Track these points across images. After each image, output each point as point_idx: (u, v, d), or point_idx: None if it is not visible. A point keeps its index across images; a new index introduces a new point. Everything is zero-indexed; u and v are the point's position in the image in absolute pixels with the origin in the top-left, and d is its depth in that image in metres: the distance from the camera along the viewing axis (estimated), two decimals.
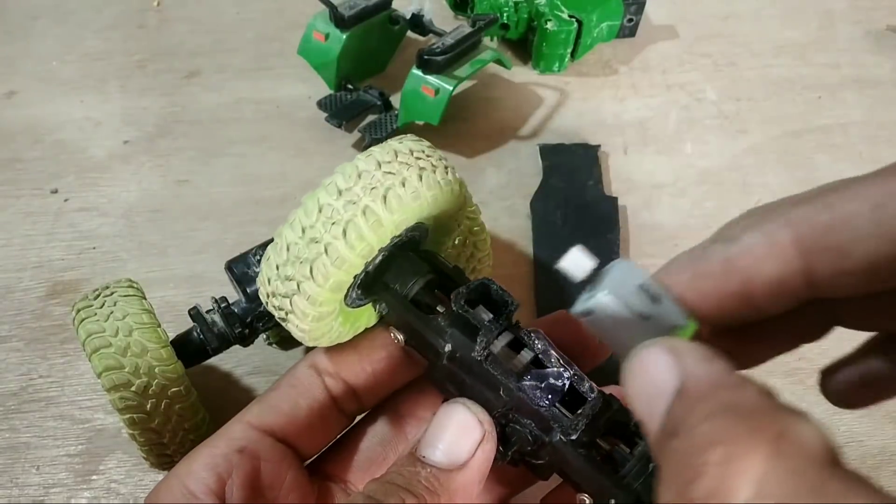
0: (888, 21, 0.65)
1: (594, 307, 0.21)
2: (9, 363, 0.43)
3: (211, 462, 0.27)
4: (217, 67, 0.60)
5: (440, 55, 0.48)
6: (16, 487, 0.39)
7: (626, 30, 0.62)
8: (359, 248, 0.24)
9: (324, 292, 0.24)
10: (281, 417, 0.29)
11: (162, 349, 0.33)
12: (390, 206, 0.24)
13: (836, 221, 0.18)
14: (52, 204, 0.51)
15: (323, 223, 0.24)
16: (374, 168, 0.25)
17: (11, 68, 0.60)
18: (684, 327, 0.20)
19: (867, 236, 0.18)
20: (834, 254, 0.18)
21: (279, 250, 0.25)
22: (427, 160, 0.26)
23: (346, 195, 0.24)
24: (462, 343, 0.25)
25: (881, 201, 0.18)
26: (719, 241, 0.20)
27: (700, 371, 0.18)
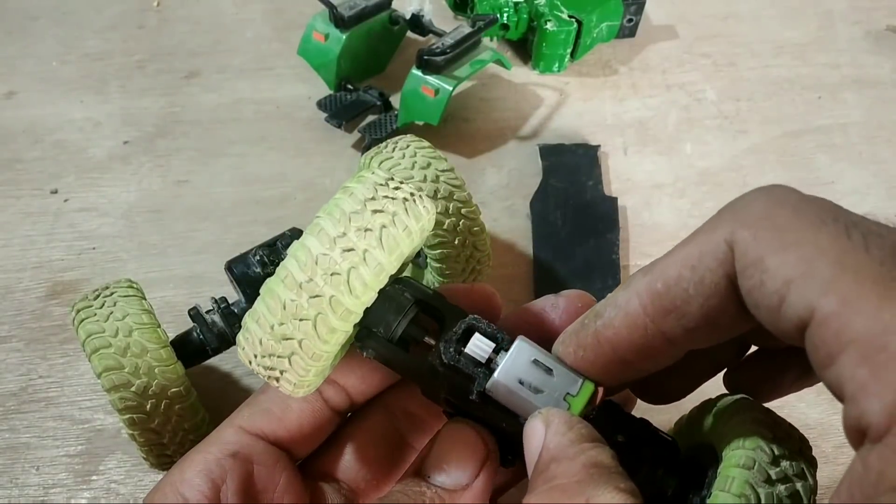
0: (888, 21, 0.65)
1: (490, 388, 0.24)
2: (9, 363, 0.43)
3: (204, 468, 0.27)
4: (217, 67, 0.60)
5: (440, 55, 0.48)
6: (16, 488, 0.39)
7: (625, 30, 0.62)
8: (333, 339, 0.23)
9: (308, 379, 0.24)
10: (272, 420, 0.29)
11: (162, 349, 0.33)
12: (355, 291, 0.22)
13: (668, 287, 0.21)
14: (52, 204, 0.51)
15: (291, 321, 0.22)
16: (328, 248, 0.23)
17: (11, 68, 0.60)
18: (579, 392, 0.23)
19: (695, 295, 0.20)
20: (674, 315, 0.21)
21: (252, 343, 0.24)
22: (384, 211, 0.23)
23: (307, 288, 0.22)
24: (457, 387, 0.25)
25: (696, 262, 0.20)
26: (592, 314, 0.23)
27: (551, 442, 0.22)
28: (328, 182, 0.52)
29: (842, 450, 0.41)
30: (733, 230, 0.19)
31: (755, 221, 0.19)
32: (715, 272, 0.20)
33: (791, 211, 0.19)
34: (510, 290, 0.47)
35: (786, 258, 0.18)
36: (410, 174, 0.38)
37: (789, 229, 0.18)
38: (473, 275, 0.41)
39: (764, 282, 0.18)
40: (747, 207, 0.20)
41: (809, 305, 0.17)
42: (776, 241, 0.18)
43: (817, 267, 0.17)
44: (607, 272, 0.47)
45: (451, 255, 0.38)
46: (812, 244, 0.18)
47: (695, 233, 0.21)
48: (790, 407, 0.42)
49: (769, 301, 0.18)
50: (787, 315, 0.18)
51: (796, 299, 0.18)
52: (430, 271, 0.41)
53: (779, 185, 0.21)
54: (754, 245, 0.19)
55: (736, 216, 0.20)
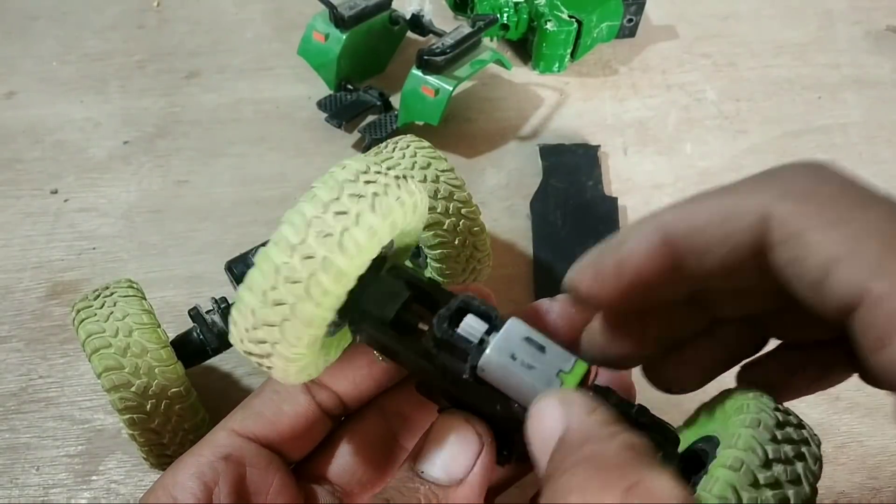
0: (888, 21, 0.65)
1: (483, 364, 0.24)
2: (9, 363, 0.43)
3: (197, 471, 0.27)
4: (217, 68, 0.60)
5: (440, 55, 0.48)
6: (16, 488, 0.39)
7: (625, 30, 0.62)
8: (325, 302, 0.23)
9: (300, 349, 0.23)
10: (265, 424, 0.28)
11: (162, 349, 0.33)
12: (348, 251, 0.23)
13: (692, 229, 0.20)
14: (52, 204, 0.51)
15: (283, 284, 0.23)
16: (321, 212, 0.23)
17: (11, 68, 0.60)
18: (572, 369, 0.23)
19: (718, 244, 0.20)
20: (693, 256, 0.21)
21: (244, 315, 0.23)
22: (376, 182, 0.24)
23: (300, 250, 0.22)
24: (450, 366, 0.25)
25: (728, 215, 0.20)
26: (613, 242, 0.23)
27: (578, 423, 0.20)
28: None
29: (842, 450, 0.41)
30: (771, 200, 0.19)
31: (798, 195, 0.19)
32: (742, 234, 0.19)
33: (837, 188, 0.19)
34: (510, 291, 0.47)
35: (831, 235, 0.17)
36: (410, 174, 0.38)
37: (834, 206, 0.18)
38: (473, 275, 0.41)
39: (805, 257, 0.18)
40: (790, 179, 0.20)
41: (859, 286, 0.17)
42: (820, 217, 0.18)
43: (867, 246, 0.17)
44: None
45: (451, 255, 0.38)
46: (860, 222, 0.17)
47: (731, 186, 0.21)
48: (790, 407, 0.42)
49: (810, 277, 0.18)
50: (832, 294, 0.17)
51: (844, 278, 0.17)
52: (430, 271, 0.41)
53: (823, 163, 0.20)
54: (795, 219, 0.18)
55: (776, 185, 0.19)
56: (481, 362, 0.24)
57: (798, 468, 0.21)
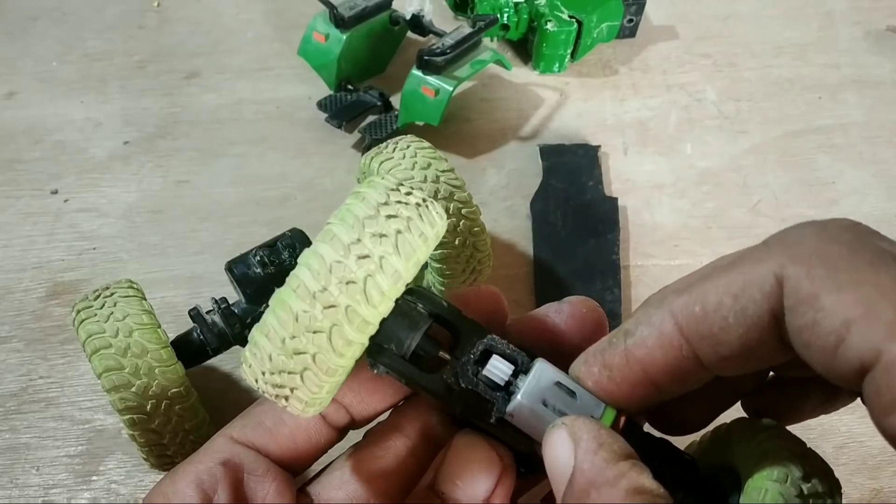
0: (888, 21, 0.65)
1: (513, 410, 0.23)
2: (9, 364, 0.43)
3: (195, 478, 0.27)
4: (217, 68, 0.60)
5: (440, 56, 0.48)
6: (16, 488, 0.39)
7: (626, 30, 0.62)
8: (349, 353, 0.22)
9: (321, 396, 0.23)
10: (263, 433, 0.28)
11: (162, 350, 0.33)
12: (372, 300, 0.21)
13: (706, 312, 0.20)
14: (53, 204, 0.51)
15: (304, 334, 0.21)
16: (342, 255, 0.22)
17: (11, 68, 0.60)
18: (602, 416, 0.23)
19: (734, 324, 0.20)
20: (710, 341, 0.20)
21: (261, 359, 0.22)
22: (398, 217, 0.22)
23: (321, 298, 0.21)
24: (474, 408, 0.24)
25: (739, 291, 0.19)
26: (620, 333, 0.22)
27: (586, 462, 0.21)
28: (328, 182, 0.52)
29: (843, 450, 0.41)
30: (783, 264, 0.19)
31: (808, 257, 0.19)
32: (759, 304, 0.19)
33: (847, 248, 0.18)
34: (511, 291, 0.47)
35: (844, 298, 0.17)
36: (411, 174, 0.38)
37: (846, 268, 0.18)
38: (474, 275, 0.41)
39: (819, 321, 0.18)
40: (799, 241, 0.19)
41: (874, 348, 0.17)
42: (832, 280, 0.18)
43: (881, 308, 0.17)
44: (607, 272, 0.47)
45: (451, 256, 0.38)
46: (872, 285, 0.17)
47: (738, 258, 0.21)
48: None
49: (824, 341, 0.18)
50: (846, 357, 0.17)
51: (858, 341, 0.17)
52: (430, 272, 0.41)
53: (834, 220, 0.20)
54: (808, 282, 0.18)
55: (787, 249, 0.19)
56: (511, 408, 0.23)
57: None
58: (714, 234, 0.50)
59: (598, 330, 0.27)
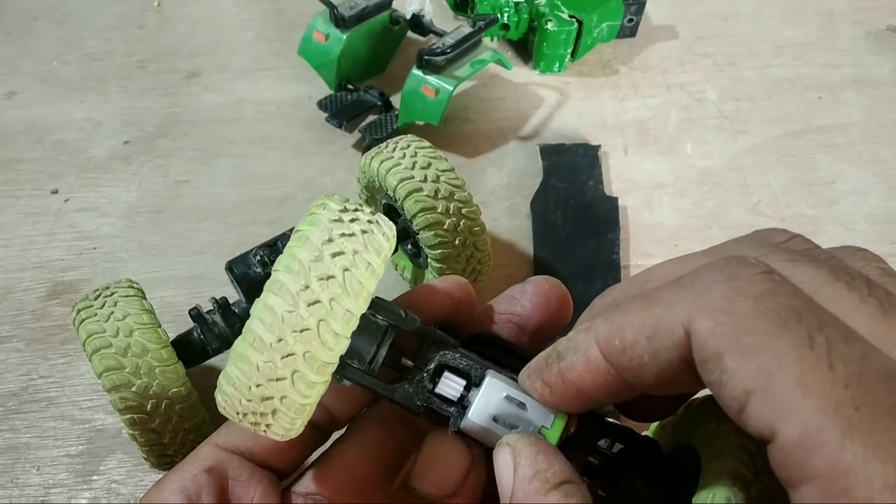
0: (888, 21, 0.65)
1: (465, 427, 0.24)
2: (9, 363, 0.43)
3: (180, 486, 0.27)
4: (217, 67, 0.60)
5: (440, 55, 0.48)
6: (16, 488, 0.39)
7: (626, 30, 0.62)
8: (337, 347, 0.22)
9: (311, 401, 0.23)
10: (247, 437, 0.28)
11: (162, 350, 0.33)
12: (327, 344, 0.22)
13: (624, 347, 0.21)
14: (53, 204, 0.51)
15: (291, 334, 0.22)
16: (292, 305, 0.22)
17: (11, 68, 0.60)
18: (553, 424, 0.24)
19: (650, 363, 0.20)
20: (631, 372, 0.21)
21: (247, 373, 0.22)
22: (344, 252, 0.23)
23: (304, 296, 0.22)
24: (435, 421, 0.25)
25: (652, 334, 0.20)
26: (554, 354, 0.23)
27: (521, 491, 0.22)
28: (328, 182, 0.52)
29: None
30: (692, 315, 0.19)
31: (715, 312, 0.18)
32: (669, 351, 0.19)
33: (752, 304, 0.18)
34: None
35: (745, 364, 0.17)
36: (411, 174, 0.38)
37: (750, 329, 0.18)
38: (474, 275, 0.41)
39: (723, 382, 0.18)
40: (708, 290, 0.19)
41: (770, 426, 0.17)
42: (736, 342, 0.18)
43: (778, 384, 0.17)
44: (608, 272, 0.47)
45: (451, 256, 0.38)
46: (772, 353, 0.17)
47: (655, 295, 0.21)
48: None
49: (729, 403, 0.18)
50: (748, 424, 0.18)
51: (756, 415, 0.17)
52: (430, 271, 0.41)
53: (744, 264, 0.19)
54: (713, 340, 0.18)
55: (696, 298, 0.19)
56: (463, 425, 0.24)
57: None
58: (714, 234, 0.50)
59: (563, 305, 0.28)
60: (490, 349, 0.27)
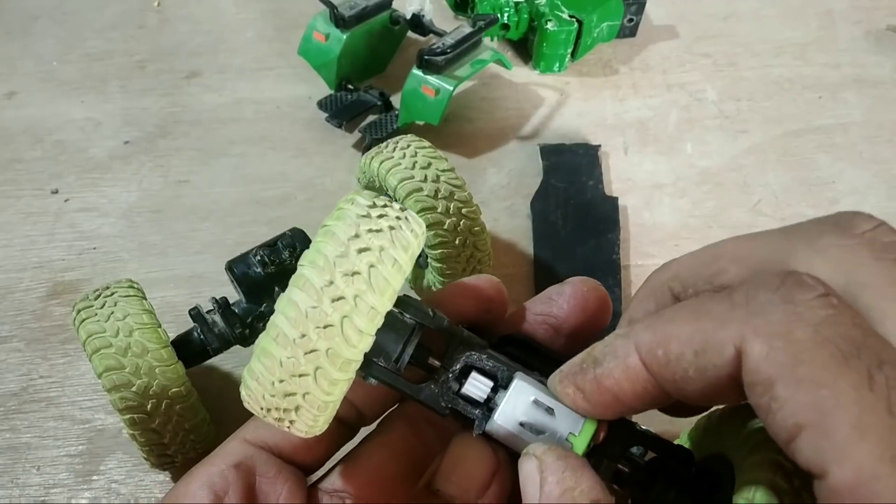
0: (888, 21, 0.65)
1: (490, 431, 0.24)
2: (9, 363, 0.43)
3: (208, 480, 0.27)
4: (217, 67, 0.60)
5: (440, 55, 0.48)
6: (16, 488, 0.39)
7: (626, 30, 0.62)
8: (361, 344, 0.22)
9: (334, 397, 0.23)
10: (275, 433, 0.28)
11: (162, 349, 0.33)
12: (378, 288, 0.22)
13: (669, 360, 0.20)
14: (53, 204, 0.51)
15: (314, 330, 0.21)
16: (316, 301, 0.21)
17: (11, 68, 0.60)
18: (581, 431, 0.23)
19: (695, 378, 0.19)
20: (673, 385, 0.20)
21: (270, 368, 0.22)
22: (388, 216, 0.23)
23: (328, 292, 0.21)
24: (460, 423, 0.25)
25: (700, 349, 0.19)
26: (590, 359, 0.22)
27: None
28: (328, 182, 0.52)
29: None
30: (744, 336, 0.18)
31: (770, 336, 0.18)
32: (718, 369, 0.19)
33: (812, 333, 0.17)
34: (511, 290, 0.46)
35: (799, 396, 0.17)
36: (411, 174, 0.38)
37: (806, 359, 0.17)
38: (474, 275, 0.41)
39: (773, 409, 0.17)
40: (764, 311, 0.18)
41: (821, 465, 0.16)
42: (790, 370, 0.17)
43: (833, 423, 0.16)
44: (608, 272, 0.47)
45: (451, 255, 0.38)
46: (829, 389, 0.16)
47: (704, 307, 0.20)
48: None
49: (777, 431, 0.17)
50: (797, 457, 0.17)
51: (807, 449, 0.16)
52: (430, 271, 0.41)
53: (801, 285, 0.18)
54: (766, 365, 0.17)
55: (750, 319, 0.18)
56: (488, 428, 0.24)
57: None
58: (714, 234, 0.50)
59: (602, 308, 0.27)
60: (521, 351, 0.26)
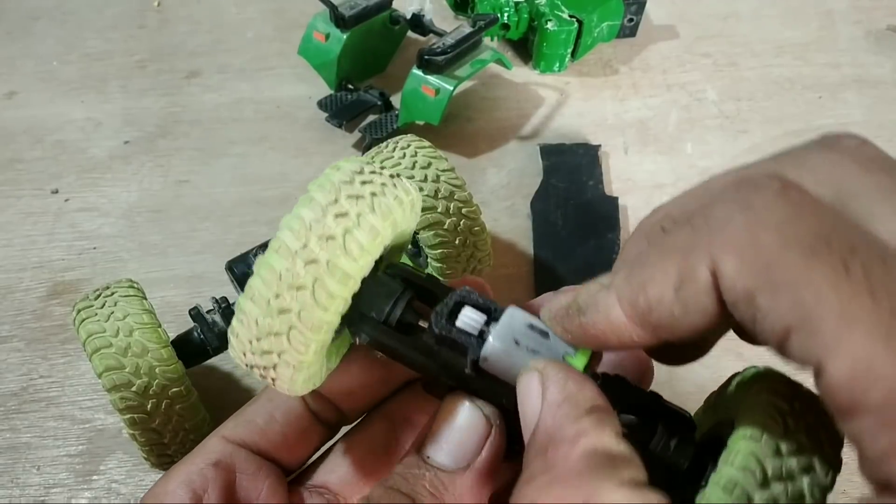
0: (888, 21, 0.65)
1: (486, 353, 0.23)
2: (9, 363, 0.43)
3: (186, 479, 0.27)
4: (217, 67, 0.60)
5: (441, 55, 0.48)
6: (17, 487, 0.39)
7: (626, 30, 0.62)
8: (332, 306, 0.22)
9: (307, 357, 0.23)
10: (255, 431, 0.28)
11: (162, 349, 0.33)
12: (352, 254, 0.22)
13: (650, 306, 0.19)
14: (53, 204, 0.51)
15: (287, 291, 0.22)
16: (321, 215, 0.22)
17: (11, 68, 0.60)
18: (577, 354, 0.22)
19: (680, 316, 0.19)
20: (660, 330, 0.19)
21: (247, 326, 0.23)
22: (373, 182, 0.24)
23: (302, 255, 0.22)
24: (452, 361, 0.24)
25: (678, 285, 0.19)
26: (574, 305, 0.22)
27: (549, 416, 0.20)
28: None
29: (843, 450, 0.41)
30: (715, 255, 0.18)
31: (737, 249, 0.17)
32: (699, 298, 0.18)
33: (776, 234, 0.17)
34: (511, 290, 0.47)
35: (779, 302, 0.16)
36: (411, 174, 0.38)
37: (778, 263, 0.17)
38: (474, 275, 0.41)
39: (759, 321, 0.17)
40: (724, 228, 0.18)
41: (817, 362, 0.16)
42: (765, 278, 0.17)
43: (818, 318, 0.16)
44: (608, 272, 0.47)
45: (451, 255, 0.38)
46: (806, 286, 0.16)
47: (668, 246, 0.19)
48: None
49: (766, 339, 0.17)
50: (793, 358, 0.17)
51: (798, 350, 0.16)
52: (430, 271, 0.41)
53: (755, 188, 0.18)
54: (741, 280, 0.17)
55: (714, 237, 0.18)
56: (483, 352, 0.23)
57: (803, 484, 0.19)
58: None
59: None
60: None
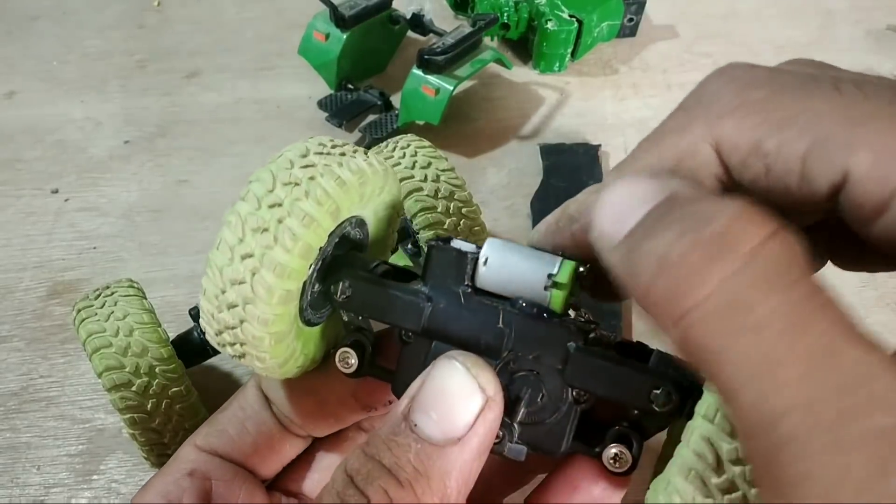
0: (888, 21, 0.65)
1: (485, 254, 0.23)
2: (9, 363, 0.43)
3: (162, 490, 0.27)
4: (217, 67, 0.60)
5: (441, 55, 0.48)
6: (16, 487, 0.39)
7: (626, 29, 0.62)
8: (296, 248, 0.22)
9: (272, 308, 0.22)
10: (227, 441, 0.28)
11: (162, 349, 0.33)
12: (317, 198, 0.22)
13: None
14: (53, 204, 0.51)
15: (252, 235, 0.22)
16: (288, 166, 0.23)
17: (11, 68, 0.60)
18: (559, 270, 0.22)
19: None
20: None
21: (213, 278, 0.23)
22: (340, 150, 0.25)
23: (268, 199, 0.22)
24: (446, 281, 0.23)
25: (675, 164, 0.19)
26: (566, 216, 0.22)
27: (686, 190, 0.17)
28: None
29: None
30: (711, 125, 0.18)
31: (733, 110, 0.18)
32: (698, 174, 0.18)
33: (766, 88, 0.18)
34: None
35: (787, 135, 0.17)
36: (411, 173, 0.38)
37: (776, 107, 0.18)
38: None
39: (771, 164, 0.17)
40: (717, 98, 0.19)
41: (840, 168, 0.16)
42: (767, 123, 0.17)
43: (827, 130, 0.17)
44: None
45: None
46: (807, 112, 0.17)
47: (660, 132, 0.20)
48: None
49: (783, 182, 0.17)
50: (814, 185, 0.17)
51: (820, 167, 0.17)
52: None
53: (736, 65, 0.19)
54: (744, 135, 0.18)
55: (708, 110, 0.19)
56: (483, 253, 0.22)
57: None
58: None
59: None
60: None
